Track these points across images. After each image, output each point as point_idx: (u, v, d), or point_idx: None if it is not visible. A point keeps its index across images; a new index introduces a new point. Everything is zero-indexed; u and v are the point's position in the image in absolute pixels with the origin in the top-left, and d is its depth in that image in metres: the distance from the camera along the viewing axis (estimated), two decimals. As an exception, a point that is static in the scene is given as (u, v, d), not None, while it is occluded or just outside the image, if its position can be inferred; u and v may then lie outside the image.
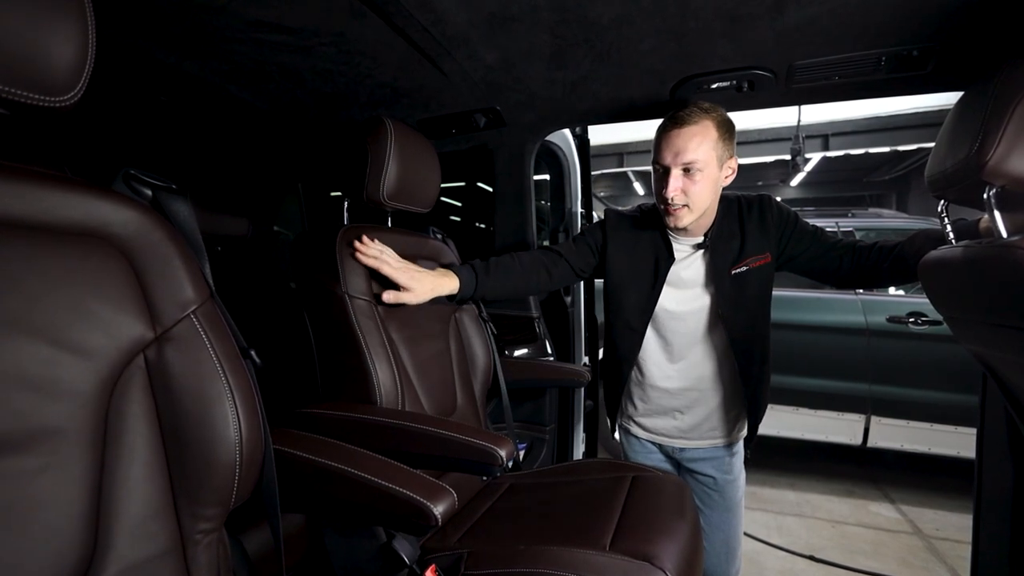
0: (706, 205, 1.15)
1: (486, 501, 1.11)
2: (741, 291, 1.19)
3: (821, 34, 1.01)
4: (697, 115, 1.10)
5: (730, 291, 1.19)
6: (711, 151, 1.10)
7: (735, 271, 1.19)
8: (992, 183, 0.72)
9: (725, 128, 1.12)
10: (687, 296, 1.23)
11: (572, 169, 1.66)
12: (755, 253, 1.19)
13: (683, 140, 1.09)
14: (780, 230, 1.21)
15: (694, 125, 1.09)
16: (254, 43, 1.15)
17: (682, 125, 1.10)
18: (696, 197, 1.12)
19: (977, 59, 1.02)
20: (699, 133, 1.09)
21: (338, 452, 0.65)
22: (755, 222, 1.21)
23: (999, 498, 1.07)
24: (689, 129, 1.09)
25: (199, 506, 0.57)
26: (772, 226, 1.20)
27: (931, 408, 2.57)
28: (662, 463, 1.36)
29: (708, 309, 1.22)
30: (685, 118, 1.10)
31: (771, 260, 1.20)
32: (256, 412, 0.63)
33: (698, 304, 1.22)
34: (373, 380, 0.89)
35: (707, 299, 1.22)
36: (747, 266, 1.19)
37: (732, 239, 1.21)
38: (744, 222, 1.21)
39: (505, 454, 0.72)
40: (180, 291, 0.61)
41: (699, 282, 1.22)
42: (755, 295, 1.20)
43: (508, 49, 1.13)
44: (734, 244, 1.20)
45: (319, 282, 0.94)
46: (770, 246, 1.20)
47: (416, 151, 1.12)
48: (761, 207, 1.22)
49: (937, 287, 0.90)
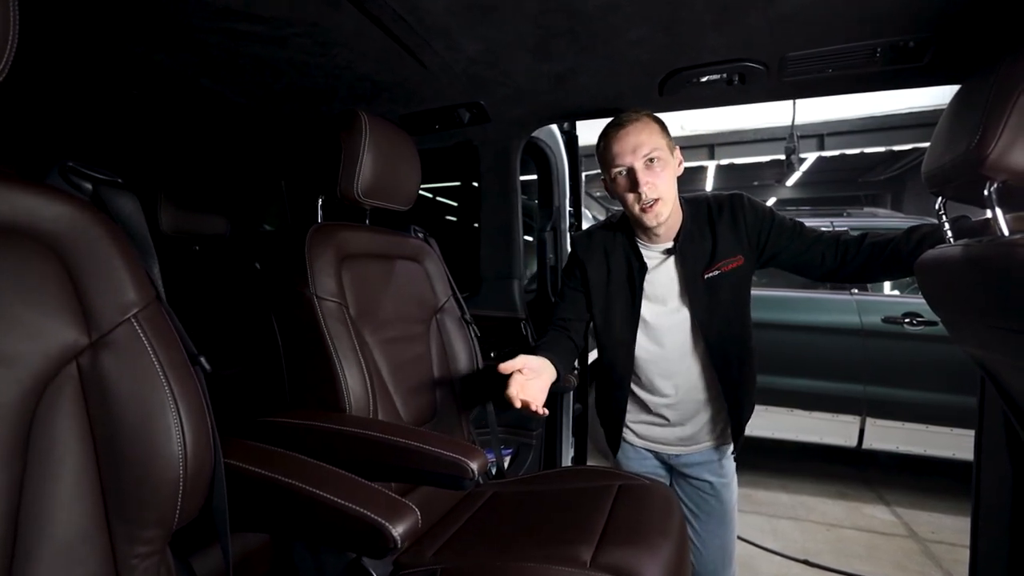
0: (674, 196, 1.14)
1: (467, 511, 1.07)
2: (714, 296, 1.16)
3: (814, 24, 0.97)
4: (633, 115, 1.13)
5: (703, 296, 1.17)
6: (662, 140, 1.12)
7: (707, 275, 1.16)
8: (993, 178, 0.69)
9: (660, 121, 1.15)
10: (668, 309, 1.21)
11: (560, 167, 1.61)
12: (727, 256, 1.16)
13: (636, 135, 1.10)
14: (756, 229, 1.17)
15: (637, 122, 1.12)
16: (224, 33, 1.10)
17: (626, 124, 1.12)
18: (664, 187, 1.11)
19: (976, 51, 0.98)
20: (646, 127, 1.11)
21: (293, 466, 0.61)
22: (726, 223, 1.17)
23: (998, 503, 1.04)
24: (635, 126, 1.11)
25: (136, 528, 0.53)
26: (746, 226, 1.17)
27: (926, 409, 2.55)
28: (656, 468, 1.33)
29: (689, 319, 1.20)
30: (625, 119, 1.13)
31: (744, 262, 1.17)
32: (205, 423, 0.58)
33: (680, 316, 1.20)
34: (342, 386, 0.84)
35: (685, 309, 1.20)
36: (719, 270, 1.16)
37: (703, 242, 1.18)
38: (715, 224, 1.18)
39: (476, 467, 0.67)
40: (120, 293, 0.56)
41: (675, 291, 1.20)
42: (729, 299, 1.17)
43: (490, 40, 1.09)
44: (705, 247, 1.17)
45: (286, 283, 0.89)
46: (743, 248, 1.17)
47: (393, 147, 1.07)
48: (732, 207, 1.18)
49: (934, 288, 0.86)
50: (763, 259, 1.19)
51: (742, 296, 1.20)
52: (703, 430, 1.26)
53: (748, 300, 1.22)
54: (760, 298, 2.82)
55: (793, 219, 1.19)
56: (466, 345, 1.25)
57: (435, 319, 1.22)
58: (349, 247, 1.00)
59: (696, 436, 1.26)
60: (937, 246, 0.88)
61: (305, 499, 0.57)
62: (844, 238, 1.13)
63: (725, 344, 1.18)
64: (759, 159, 8.41)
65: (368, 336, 0.98)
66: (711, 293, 1.16)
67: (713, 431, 1.26)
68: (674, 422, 1.26)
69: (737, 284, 1.17)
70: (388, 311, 1.04)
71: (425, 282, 1.21)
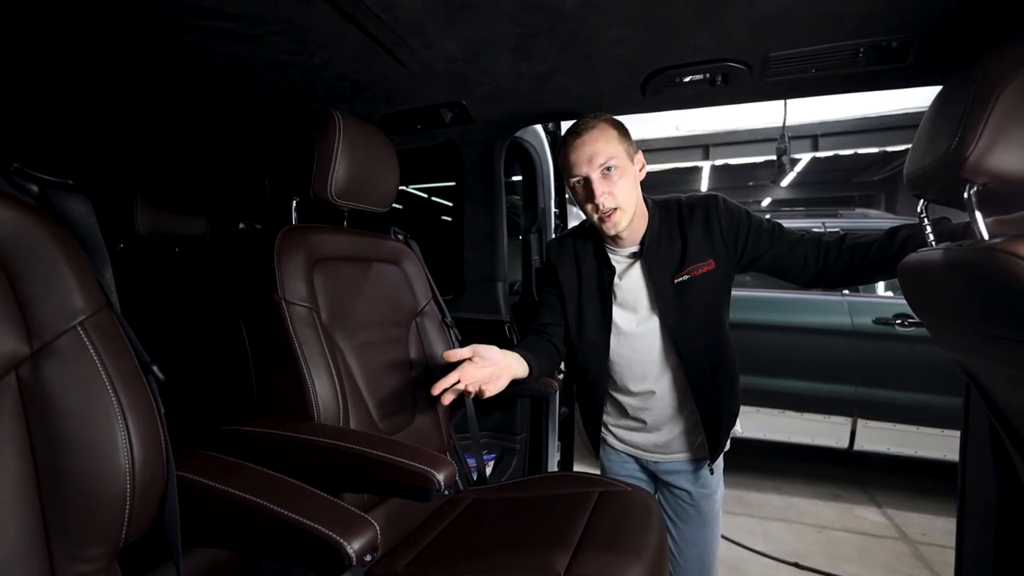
0: (635, 203, 1.11)
1: (445, 519, 1.05)
2: (684, 301, 1.13)
3: (796, 24, 0.96)
4: (590, 122, 1.10)
5: (673, 300, 1.13)
6: (619, 147, 1.09)
7: (677, 280, 1.13)
8: (973, 181, 0.67)
9: (619, 126, 1.11)
10: (639, 316, 1.18)
11: (545, 167, 1.59)
12: (698, 260, 1.12)
13: (592, 145, 1.08)
14: (733, 231, 1.13)
15: (593, 130, 1.09)
16: (198, 31, 1.08)
17: (582, 133, 1.09)
18: (623, 196, 1.09)
19: (958, 51, 0.97)
20: (602, 135, 1.08)
21: (249, 478, 0.58)
22: (699, 225, 1.13)
23: (984, 512, 1.03)
24: (591, 134, 1.08)
25: (79, 546, 0.50)
26: (720, 229, 1.12)
27: (918, 410, 2.55)
28: (637, 473, 1.31)
29: (659, 324, 1.16)
30: (582, 127, 1.10)
31: (716, 266, 1.12)
32: (156, 435, 0.56)
33: (651, 322, 1.17)
34: (310, 393, 0.82)
35: (655, 313, 1.16)
36: (689, 274, 1.12)
37: (672, 245, 1.14)
38: (685, 227, 1.14)
39: (443, 478, 0.65)
40: (65, 300, 0.54)
41: (644, 296, 1.17)
42: (700, 305, 1.13)
43: (469, 38, 1.07)
44: (674, 251, 1.14)
45: (255, 287, 0.86)
46: (716, 251, 1.13)
47: (369, 147, 1.05)
48: (707, 209, 1.14)
49: (916, 292, 0.85)
50: (743, 263, 1.16)
51: (716, 301, 1.15)
52: (678, 439, 1.23)
53: (724, 306, 1.18)
54: (751, 299, 2.83)
55: (772, 220, 1.15)
56: (446, 349, 1.23)
57: (415, 323, 1.20)
58: (322, 250, 0.98)
59: (671, 444, 1.24)
60: (919, 249, 0.87)
61: (258, 513, 0.54)
62: (825, 239, 1.10)
63: (697, 351, 1.15)
64: (754, 159, 8.43)
65: (341, 341, 0.96)
66: (680, 298, 1.13)
67: (688, 441, 1.23)
68: (650, 427, 1.24)
69: (709, 289, 1.13)
70: (363, 315, 1.02)
71: (404, 285, 1.19)
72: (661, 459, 1.25)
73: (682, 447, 1.23)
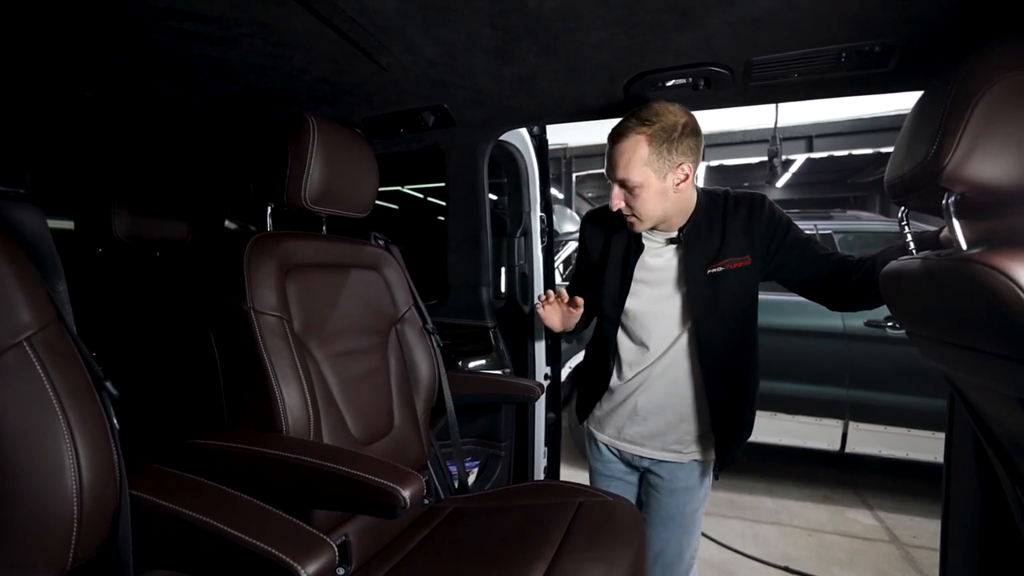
0: (657, 214, 1.10)
1: (424, 528, 1.03)
2: (715, 292, 1.11)
3: (778, 28, 0.94)
4: (629, 129, 1.06)
5: (704, 291, 1.12)
6: (643, 167, 1.06)
7: (711, 271, 1.11)
8: (951, 189, 0.66)
9: (660, 140, 1.05)
10: (660, 294, 1.17)
11: (530, 171, 1.58)
12: (734, 254, 1.11)
13: (615, 157, 1.08)
14: (769, 235, 1.12)
15: (624, 141, 1.07)
16: (172, 33, 1.06)
17: (616, 140, 1.08)
18: (641, 210, 1.09)
19: (941, 57, 0.96)
20: (628, 151, 1.06)
21: (205, 497, 0.57)
22: (740, 221, 1.12)
23: (968, 519, 1.02)
24: (619, 147, 1.07)
25: (20, 571, 0.49)
26: (759, 228, 1.12)
27: (909, 413, 2.55)
28: (625, 476, 1.29)
29: (681, 309, 1.15)
30: (619, 133, 1.08)
31: (751, 264, 1.11)
32: (107, 454, 0.54)
33: (671, 303, 1.16)
34: (278, 405, 0.80)
35: (679, 298, 1.15)
36: (723, 267, 1.11)
37: (711, 236, 1.13)
38: (727, 219, 1.13)
39: (409, 494, 0.63)
40: (10, 315, 0.52)
41: (671, 278, 1.16)
42: (730, 298, 1.12)
43: (448, 42, 1.06)
44: (713, 241, 1.13)
45: (223, 296, 0.84)
46: (752, 249, 1.12)
47: (346, 151, 1.03)
48: (751, 207, 1.13)
49: (897, 300, 0.84)
50: (769, 268, 1.14)
51: (746, 299, 1.14)
52: (671, 434, 1.19)
53: (753, 307, 1.16)
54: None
55: (809, 235, 1.14)
56: (427, 356, 1.21)
57: (395, 330, 1.18)
58: (295, 257, 0.96)
59: (662, 438, 1.19)
60: (899, 257, 0.85)
61: (211, 535, 0.53)
62: (848, 261, 1.08)
63: (717, 344, 1.12)
64: (748, 160, 8.44)
65: (315, 350, 0.94)
66: (712, 289, 1.11)
67: (682, 440, 1.19)
68: (637, 410, 1.20)
69: (742, 285, 1.12)
70: (339, 323, 1.00)
71: (384, 291, 1.17)
72: (648, 455, 1.22)
73: (678, 447, 1.19)
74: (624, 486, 1.29)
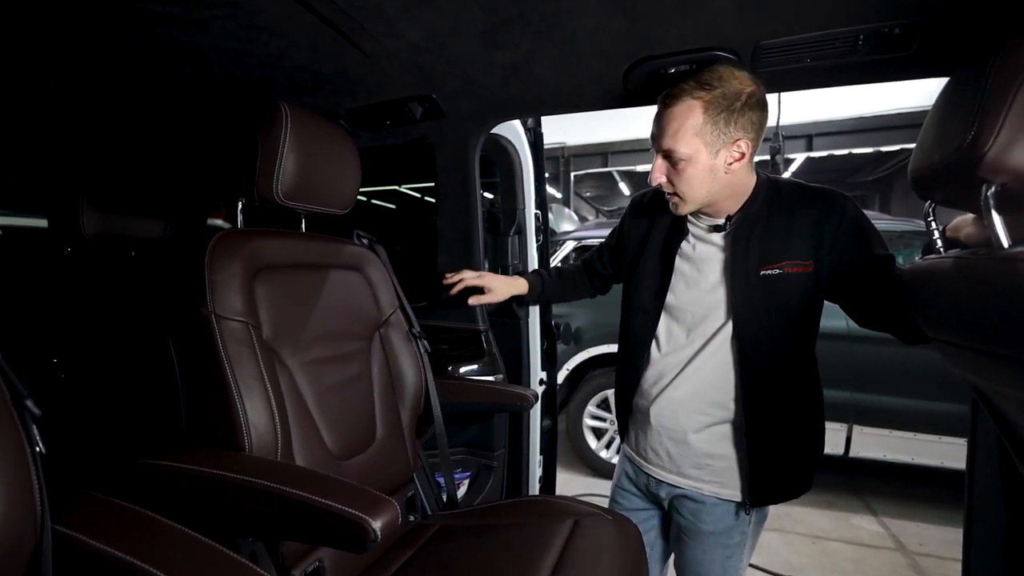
0: (701, 196, 0.96)
1: (407, 549, 0.96)
2: (765, 298, 0.95)
3: (789, 8, 0.87)
4: (685, 92, 0.91)
5: (753, 293, 0.96)
6: (693, 138, 0.91)
7: (764, 271, 0.95)
8: (990, 180, 0.59)
9: (718, 108, 0.90)
10: (699, 289, 1.02)
11: (524, 166, 1.50)
12: (796, 256, 0.95)
13: (664, 123, 0.94)
14: (843, 243, 0.94)
15: (677, 105, 0.92)
16: (139, 15, 0.99)
17: (667, 104, 0.94)
18: (685, 187, 0.95)
19: (967, 40, 0.89)
20: (679, 116, 0.92)
21: (140, 532, 0.49)
22: (810, 218, 0.95)
23: (992, 530, 0.96)
24: (670, 111, 0.93)
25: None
26: (834, 231, 0.94)
27: (914, 417, 2.49)
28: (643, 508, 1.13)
29: (725, 309, 0.99)
30: (673, 96, 0.93)
31: (814, 271, 0.95)
32: (24, 484, 0.47)
33: (712, 300, 1.00)
34: (240, 420, 0.72)
35: (719, 297, 0.99)
36: (781, 269, 0.95)
37: (770, 231, 0.97)
38: (794, 215, 0.96)
39: (380, 526, 0.55)
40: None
41: (713, 272, 1.01)
42: (783, 306, 0.95)
43: (434, 26, 0.98)
44: (772, 239, 0.96)
45: (182, 300, 0.77)
46: (820, 255, 0.95)
47: (323, 143, 0.96)
48: (828, 204, 0.96)
49: (923, 305, 0.77)
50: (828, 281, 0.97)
51: (803, 310, 0.96)
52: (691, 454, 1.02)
53: (812, 321, 0.99)
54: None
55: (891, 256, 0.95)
56: (414, 362, 1.13)
57: (378, 334, 1.10)
58: (266, 257, 0.88)
59: (685, 457, 1.03)
60: (927, 256, 0.78)
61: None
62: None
63: (763, 359, 0.96)
64: (748, 159, 8.37)
65: (288, 358, 0.86)
66: (764, 292, 0.95)
67: (704, 467, 1.02)
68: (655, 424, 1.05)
69: (799, 292, 0.95)
70: (316, 328, 0.92)
71: (367, 293, 1.10)
72: (666, 479, 1.06)
73: (699, 473, 1.02)
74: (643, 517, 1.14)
